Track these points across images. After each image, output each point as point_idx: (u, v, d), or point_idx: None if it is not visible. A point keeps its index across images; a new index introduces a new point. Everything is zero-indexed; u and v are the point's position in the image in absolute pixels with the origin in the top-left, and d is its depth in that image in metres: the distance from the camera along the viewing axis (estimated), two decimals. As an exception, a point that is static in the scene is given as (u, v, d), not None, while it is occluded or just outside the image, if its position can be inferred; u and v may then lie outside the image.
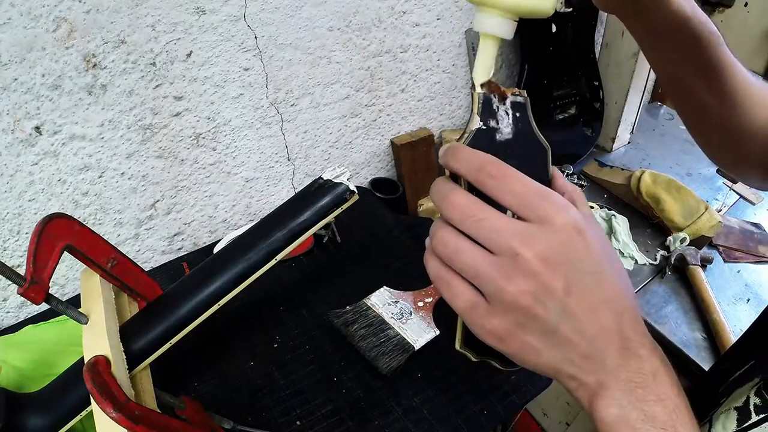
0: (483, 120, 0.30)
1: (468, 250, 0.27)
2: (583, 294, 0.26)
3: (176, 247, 0.96)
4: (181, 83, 0.80)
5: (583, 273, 0.26)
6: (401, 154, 1.15)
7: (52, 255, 0.48)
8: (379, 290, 0.78)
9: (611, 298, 0.26)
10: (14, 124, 0.69)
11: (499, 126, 0.30)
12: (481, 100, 0.30)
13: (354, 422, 0.63)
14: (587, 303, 0.26)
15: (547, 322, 0.26)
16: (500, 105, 0.30)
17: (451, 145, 0.29)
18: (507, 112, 0.30)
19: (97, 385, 0.43)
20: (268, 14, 0.83)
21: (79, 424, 0.53)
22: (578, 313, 0.26)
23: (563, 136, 1.24)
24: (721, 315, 0.90)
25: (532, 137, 0.31)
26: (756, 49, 0.90)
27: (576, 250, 0.26)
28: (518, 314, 0.26)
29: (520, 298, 0.25)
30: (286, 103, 0.94)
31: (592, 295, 0.26)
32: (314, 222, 0.64)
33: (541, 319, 0.26)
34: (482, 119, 0.30)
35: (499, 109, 0.30)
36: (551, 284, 0.25)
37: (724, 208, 1.19)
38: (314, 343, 0.73)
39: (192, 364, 0.69)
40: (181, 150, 0.86)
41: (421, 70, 1.10)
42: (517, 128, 0.30)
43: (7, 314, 0.83)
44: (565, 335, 0.26)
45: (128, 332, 0.54)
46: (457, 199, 0.27)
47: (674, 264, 1.01)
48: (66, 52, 0.68)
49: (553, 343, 0.26)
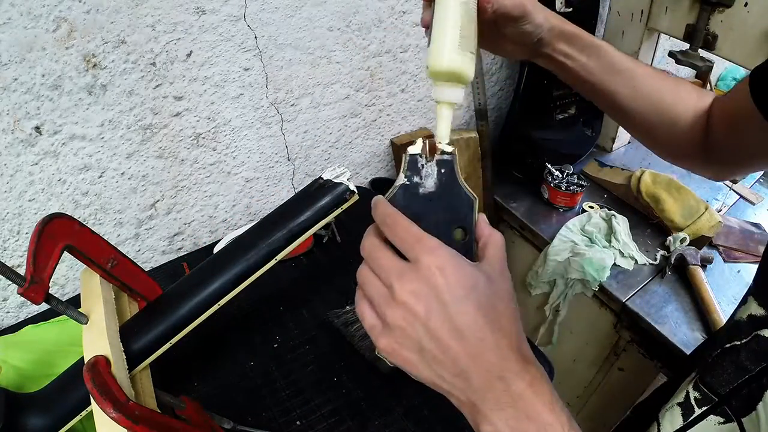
0: (407, 177, 0.35)
1: (370, 282, 0.33)
2: (443, 320, 0.31)
3: (176, 247, 0.96)
4: (181, 83, 0.80)
5: (443, 303, 0.31)
6: (401, 154, 1.15)
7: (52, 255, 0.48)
8: None
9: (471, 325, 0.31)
10: (14, 124, 0.69)
11: (422, 181, 0.35)
12: (408, 160, 0.35)
13: (354, 422, 0.63)
14: (447, 328, 0.31)
15: (417, 342, 0.32)
16: (426, 163, 0.35)
17: (375, 199, 0.35)
18: (432, 168, 0.35)
19: (97, 385, 0.43)
20: (268, 14, 0.83)
21: (79, 424, 0.53)
22: (441, 336, 0.31)
23: (563, 136, 1.24)
24: (721, 315, 0.90)
25: (456, 189, 0.36)
26: (756, 49, 0.90)
27: (436, 285, 0.31)
28: (397, 334, 0.32)
29: (397, 321, 0.32)
30: (286, 103, 0.94)
31: (453, 321, 0.31)
32: (314, 222, 0.64)
33: (412, 338, 0.32)
34: (407, 176, 0.35)
35: (424, 167, 0.35)
36: (415, 310, 0.31)
37: (724, 208, 1.19)
38: (314, 343, 0.73)
39: (192, 364, 0.69)
40: (181, 150, 0.86)
41: (421, 70, 1.10)
42: (441, 182, 0.35)
43: (7, 314, 0.83)
44: (433, 354, 0.31)
45: (128, 332, 0.54)
46: (367, 241, 0.35)
47: (674, 264, 1.01)
48: (66, 52, 0.68)
49: (425, 360, 0.32)
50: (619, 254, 1.04)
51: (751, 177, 1.28)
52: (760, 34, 0.88)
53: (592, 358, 1.14)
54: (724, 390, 0.42)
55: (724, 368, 0.43)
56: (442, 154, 0.35)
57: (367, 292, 0.34)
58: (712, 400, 0.43)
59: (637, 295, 0.98)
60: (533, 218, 1.18)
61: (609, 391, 1.15)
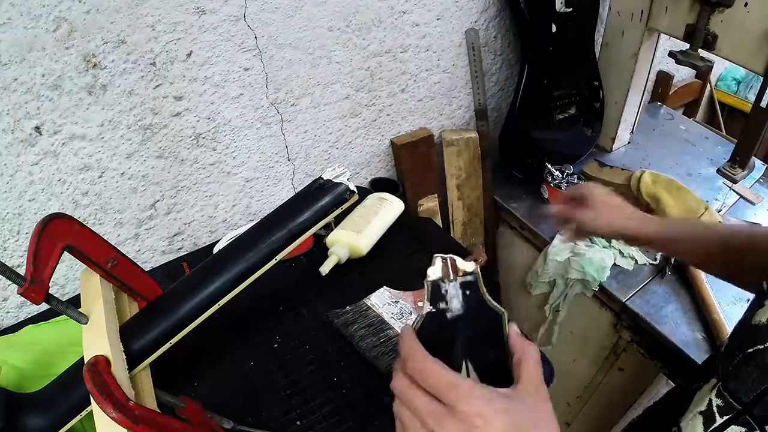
0: (432, 304, 0.35)
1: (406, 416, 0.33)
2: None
3: (176, 247, 0.96)
4: (181, 83, 0.80)
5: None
6: (401, 154, 1.15)
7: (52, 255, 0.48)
8: (379, 290, 0.78)
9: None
10: (14, 124, 0.69)
11: (448, 306, 0.35)
12: (430, 288, 0.35)
13: (354, 422, 0.63)
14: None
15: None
16: (449, 286, 0.35)
17: (402, 329, 0.35)
18: (457, 290, 0.35)
19: (97, 385, 0.43)
20: (268, 14, 0.83)
21: (79, 424, 0.53)
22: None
23: (563, 136, 1.24)
24: (721, 315, 0.90)
25: (484, 308, 0.35)
26: (756, 49, 0.90)
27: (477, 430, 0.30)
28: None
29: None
30: (286, 103, 0.94)
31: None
32: (314, 222, 0.64)
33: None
34: (432, 304, 0.35)
35: (449, 292, 0.35)
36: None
37: (724, 208, 1.19)
38: (314, 343, 0.73)
39: (192, 364, 0.69)
40: (181, 150, 0.86)
41: (421, 70, 1.10)
42: (468, 303, 0.35)
43: (7, 314, 0.83)
44: None
45: (128, 332, 0.54)
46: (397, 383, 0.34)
47: (674, 264, 1.01)
48: (66, 52, 0.68)
49: None
50: (619, 254, 1.04)
51: (751, 177, 1.28)
52: (760, 34, 0.88)
53: (592, 358, 1.14)
54: (748, 397, 0.42)
55: (748, 373, 0.42)
56: (464, 276, 0.35)
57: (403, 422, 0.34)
58: (735, 408, 0.43)
59: (637, 295, 0.98)
60: (533, 218, 1.18)
61: (609, 391, 1.15)
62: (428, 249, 0.87)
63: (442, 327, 0.35)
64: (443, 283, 0.35)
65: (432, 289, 0.35)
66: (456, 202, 1.28)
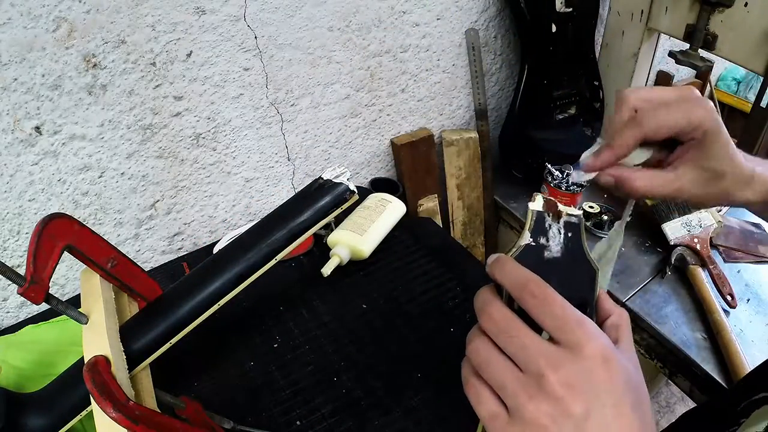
0: (533, 237, 0.31)
1: (497, 362, 0.28)
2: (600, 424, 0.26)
3: (176, 247, 0.96)
4: (181, 83, 0.80)
5: (604, 404, 0.27)
6: (401, 154, 1.15)
7: (52, 255, 0.48)
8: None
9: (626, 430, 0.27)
10: (14, 124, 0.69)
11: (548, 244, 0.31)
12: (534, 218, 0.31)
13: (354, 422, 0.63)
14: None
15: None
16: (553, 223, 0.32)
17: (499, 256, 0.30)
18: (559, 230, 0.32)
19: (97, 385, 0.43)
20: (268, 14, 0.83)
21: (79, 424, 0.53)
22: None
23: (563, 136, 1.24)
24: (721, 315, 0.90)
25: (581, 258, 0.32)
26: (756, 49, 0.90)
27: (600, 380, 0.27)
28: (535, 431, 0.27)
29: (540, 418, 0.26)
30: (286, 103, 0.94)
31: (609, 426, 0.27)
32: (314, 222, 0.64)
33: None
34: (532, 236, 0.31)
35: (551, 228, 0.32)
36: (571, 409, 0.26)
37: (725, 208, 1.19)
38: (314, 343, 0.73)
39: (192, 364, 0.69)
40: (181, 150, 0.86)
41: (421, 70, 1.10)
42: (566, 248, 0.32)
43: (7, 314, 0.83)
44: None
45: (128, 332, 0.54)
46: (495, 312, 0.29)
47: (674, 264, 1.01)
48: (66, 52, 0.68)
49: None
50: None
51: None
52: (760, 34, 0.88)
53: (592, 358, 1.14)
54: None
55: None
56: (569, 217, 0.32)
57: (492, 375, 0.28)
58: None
59: (637, 295, 0.98)
60: (533, 218, 1.18)
61: (609, 391, 1.15)
62: (428, 249, 0.88)
63: (537, 266, 0.30)
64: (548, 217, 0.32)
65: (536, 219, 0.31)
66: (456, 201, 1.28)
